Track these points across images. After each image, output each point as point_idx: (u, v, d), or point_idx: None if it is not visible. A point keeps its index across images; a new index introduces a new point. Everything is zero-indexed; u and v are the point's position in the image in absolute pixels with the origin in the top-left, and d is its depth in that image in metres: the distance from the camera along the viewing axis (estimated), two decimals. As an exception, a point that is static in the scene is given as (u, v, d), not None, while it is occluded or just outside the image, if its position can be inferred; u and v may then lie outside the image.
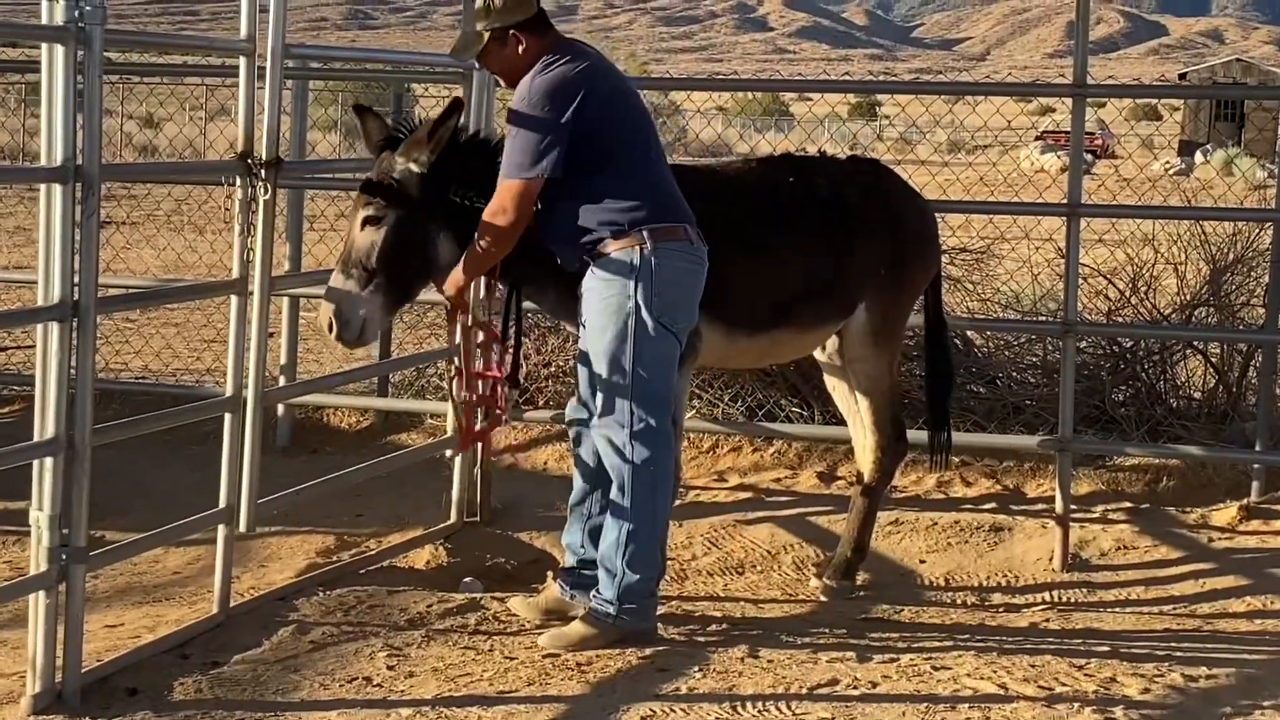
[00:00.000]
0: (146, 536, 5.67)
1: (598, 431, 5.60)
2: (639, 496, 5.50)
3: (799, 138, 17.87)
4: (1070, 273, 7.19)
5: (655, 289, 5.43)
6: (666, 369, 5.53)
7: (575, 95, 5.40)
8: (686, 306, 5.57)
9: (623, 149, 5.51)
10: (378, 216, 5.62)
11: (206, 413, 6.20)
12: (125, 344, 11.18)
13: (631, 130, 5.56)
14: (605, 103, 5.48)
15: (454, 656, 5.42)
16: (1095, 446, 7.79)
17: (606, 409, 5.52)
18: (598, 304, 5.51)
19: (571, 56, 5.53)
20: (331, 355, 11.39)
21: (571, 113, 5.39)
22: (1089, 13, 7.24)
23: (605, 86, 5.52)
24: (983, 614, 6.33)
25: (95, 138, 4.77)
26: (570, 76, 5.44)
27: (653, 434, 5.48)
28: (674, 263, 5.48)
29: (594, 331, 5.53)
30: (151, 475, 8.05)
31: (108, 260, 12.51)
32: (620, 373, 5.46)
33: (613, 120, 5.50)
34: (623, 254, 5.44)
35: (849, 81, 11.02)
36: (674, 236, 5.49)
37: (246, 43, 5.52)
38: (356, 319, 5.60)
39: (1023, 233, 10.55)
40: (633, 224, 5.45)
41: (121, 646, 5.49)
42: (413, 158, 5.61)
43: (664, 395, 5.53)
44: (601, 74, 5.55)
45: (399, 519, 7.51)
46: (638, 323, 5.43)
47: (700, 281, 5.60)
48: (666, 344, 5.51)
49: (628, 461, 5.49)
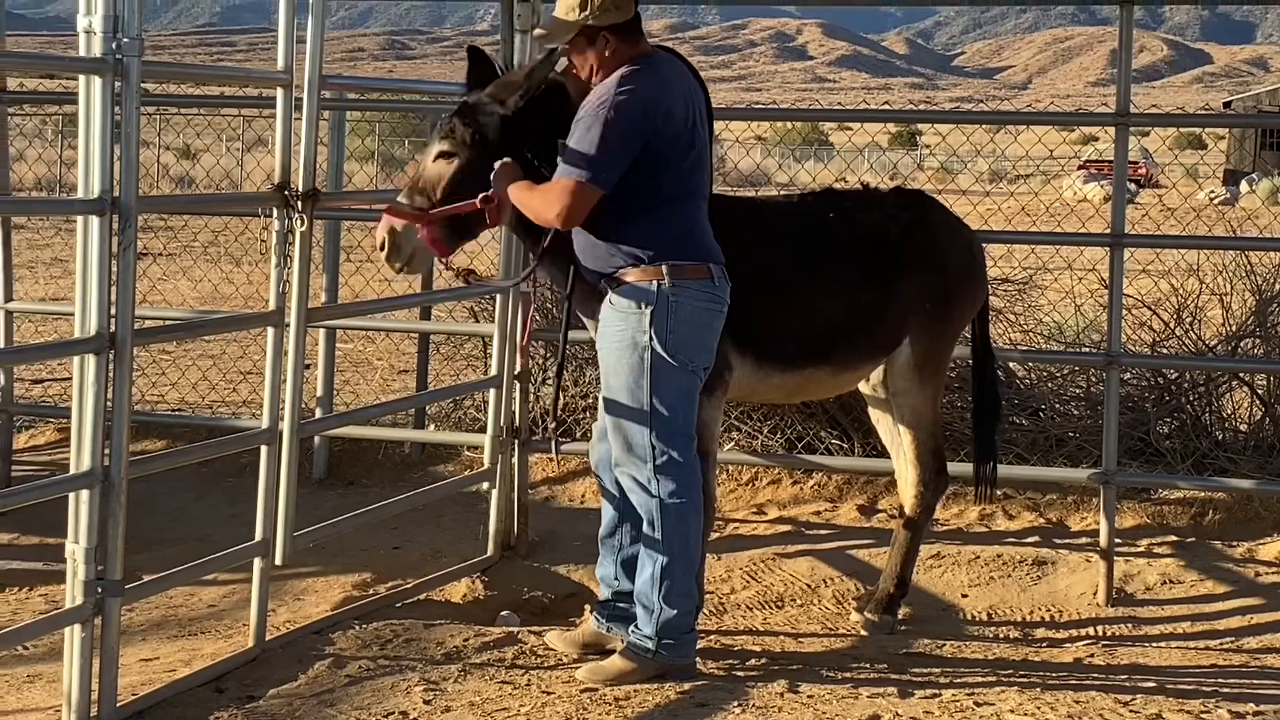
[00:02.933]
0: (182, 570, 5.68)
1: (620, 471, 5.60)
2: (670, 531, 5.49)
3: (839, 167, 17.89)
4: (1114, 303, 7.16)
5: (670, 325, 5.41)
6: (686, 402, 5.51)
7: (654, 120, 5.36)
8: (703, 346, 5.53)
9: (672, 181, 5.46)
10: (452, 152, 5.64)
11: (242, 445, 6.22)
12: (162, 376, 11.24)
13: (690, 165, 5.51)
14: (675, 135, 5.43)
15: (491, 691, 5.41)
16: (1140, 479, 7.75)
17: (626, 446, 5.51)
18: (613, 336, 5.50)
19: (659, 73, 5.48)
20: (368, 387, 11.43)
21: (645, 138, 5.35)
22: (1132, 41, 7.23)
23: (681, 115, 5.46)
24: (1026, 649, 6.30)
25: (132, 169, 4.80)
26: (655, 98, 5.38)
27: (676, 467, 5.47)
28: (693, 301, 5.45)
29: (609, 366, 5.53)
30: (187, 508, 8.09)
31: (144, 292, 12.59)
32: (639, 408, 5.45)
33: (675, 152, 5.45)
34: (639, 287, 5.43)
35: (889, 111, 11.00)
36: (696, 275, 5.46)
37: (283, 74, 5.55)
38: (408, 246, 5.62)
39: (1065, 263, 10.53)
40: (657, 256, 5.42)
41: (157, 680, 5.50)
42: (500, 99, 5.63)
43: (685, 429, 5.51)
44: (682, 100, 5.49)
45: (436, 552, 7.51)
46: (654, 357, 5.41)
47: (719, 322, 5.56)
48: (685, 377, 5.49)
49: (654, 497, 5.48)
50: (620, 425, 5.51)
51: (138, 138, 4.86)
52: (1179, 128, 57.16)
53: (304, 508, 5.88)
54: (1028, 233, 10.24)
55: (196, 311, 11.93)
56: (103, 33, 4.68)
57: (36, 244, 22.46)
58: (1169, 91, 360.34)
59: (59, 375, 11.30)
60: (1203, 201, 30.00)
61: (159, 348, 12.45)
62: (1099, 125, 10.72)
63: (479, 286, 6.98)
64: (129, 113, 4.76)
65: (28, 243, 22.11)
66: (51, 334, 12.98)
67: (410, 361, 11.14)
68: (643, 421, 5.45)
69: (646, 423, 5.44)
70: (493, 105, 5.63)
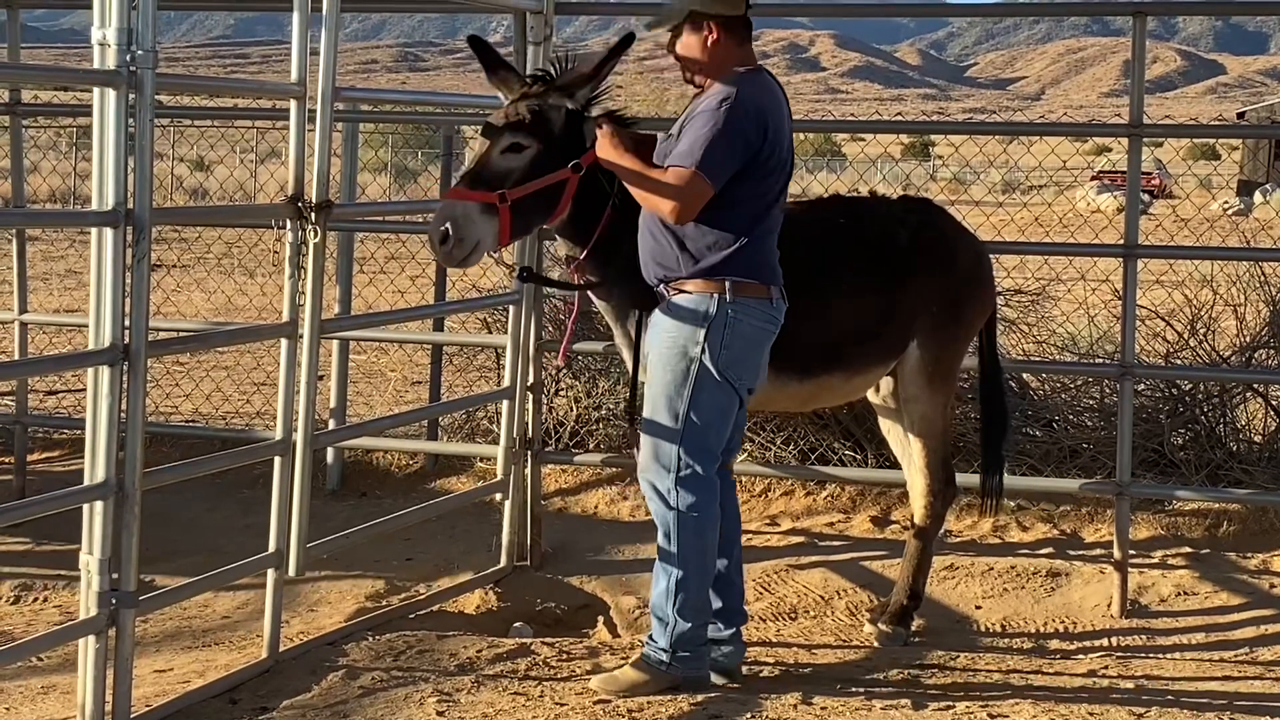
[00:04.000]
0: (196, 581, 5.70)
1: (642, 476, 5.59)
2: (686, 543, 5.47)
3: (851, 178, 17.89)
4: (1127, 314, 7.15)
5: (725, 341, 5.40)
6: (721, 421, 5.50)
7: (764, 131, 5.36)
8: (753, 365, 5.52)
9: (757, 197, 5.43)
10: (524, 144, 5.54)
11: (256, 456, 6.23)
12: (175, 387, 11.26)
13: (777, 186, 5.51)
14: (772, 152, 5.42)
15: (504, 702, 5.41)
16: (1154, 490, 7.73)
17: (654, 452, 5.50)
18: (665, 342, 5.48)
19: (770, 87, 5.50)
20: (381, 398, 11.44)
21: (758, 141, 5.34)
22: (1145, 51, 7.23)
23: (783, 134, 5.47)
24: (1040, 661, 6.29)
25: (146, 181, 4.81)
26: (768, 109, 5.39)
27: (698, 481, 5.46)
28: (750, 319, 5.44)
29: (654, 370, 5.52)
30: (201, 519, 8.10)
31: (158, 303, 12.61)
32: (673, 417, 5.44)
33: (768, 169, 5.43)
34: (700, 298, 5.42)
35: (902, 122, 11.02)
36: (757, 294, 5.44)
37: (297, 86, 5.57)
38: (472, 238, 5.46)
39: (1079, 274, 10.53)
40: (721, 268, 5.40)
41: (171, 691, 5.51)
42: (570, 93, 5.61)
43: (714, 447, 5.50)
44: (785, 119, 5.51)
45: (449, 563, 7.52)
46: (700, 370, 5.40)
47: (769, 342, 5.55)
48: (726, 396, 5.47)
49: (672, 508, 5.46)
50: (654, 431, 5.50)
51: (151, 150, 4.86)
52: (1192, 138, 56.97)
53: (317, 519, 5.88)
54: (1041, 243, 10.27)
55: (210, 323, 11.97)
56: (117, 45, 4.69)
57: (51, 256, 22.50)
58: (1182, 102, 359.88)
59: (73, 387, 11.31)
60: (1216, 212, 29.98)
61: (173, 359, 12.47)
62: (1112, 136, 10.71)
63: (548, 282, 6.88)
64: (143, 125, 4.77)
65: (42, 255, 22.16)
66: (66, 346, 13.02)
67: (423, 373, 11.16)
68: (675, 431, 5.44)
69: (678, 433, 5.43)
70: (561, 99, 5.62)
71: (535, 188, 5.52)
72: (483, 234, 5.48)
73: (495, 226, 5.48)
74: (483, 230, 5.47)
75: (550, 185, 5.55)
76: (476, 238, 5.47)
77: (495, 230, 5.48)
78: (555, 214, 5.65)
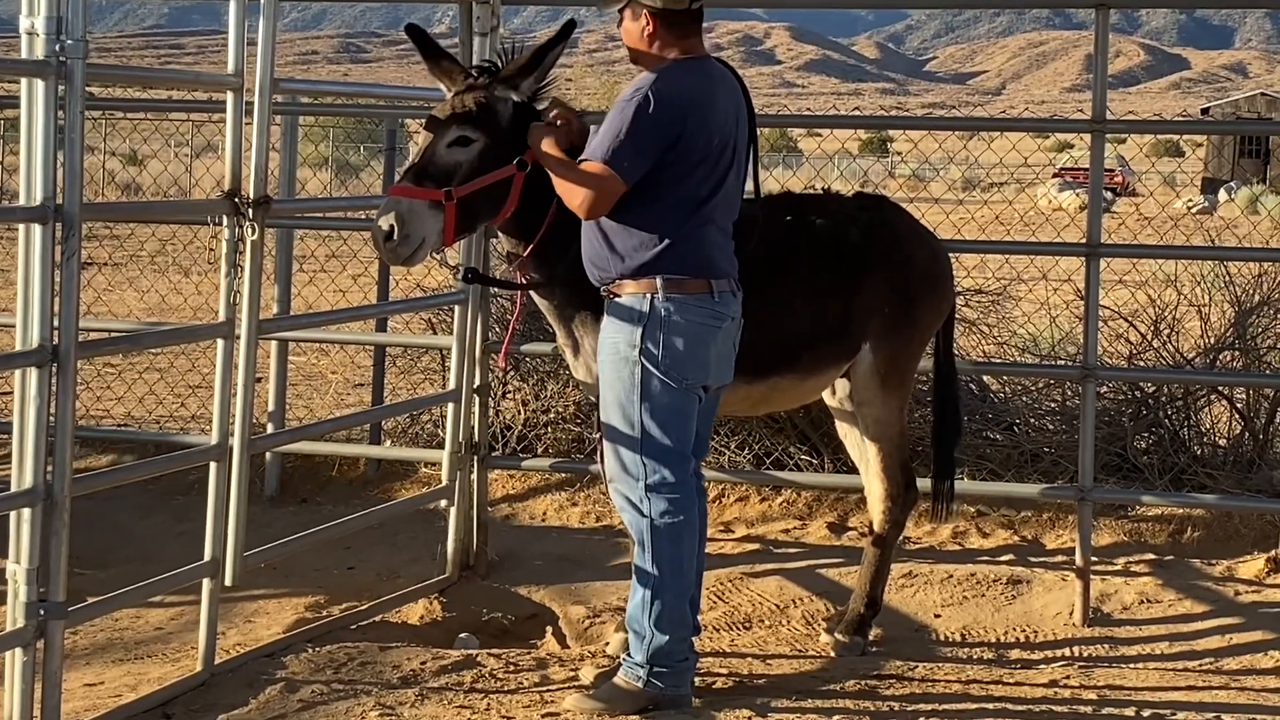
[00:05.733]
0: (128, 591, 5.65)
1: (612, 487, 5.58)
2: (661, 553, 5.44)
3: (808, 175, 17.92)
4: (1090, 315, 7.18)
5: (663, 341, 5.38)
6: (679, 421, 5.46)
7: (687, 121, 5.32)
8: (698, 363, 5.47)
9: (690, 191, 5.40)
10: (471, 138, 5.54)
11: (191, 461, 6.20)
12: (107, 390, 11.19)
13: (714, 179, 5.45)
14: (706, 143, 5.38)
15: (449, 716, 5.40)
16: (1117, 495, 7.77)
17: (619, 463, 5.48)
18: (607, 347, 5.48)
19: (705, 75, 5.46)
20: (322, 401, 11.40)
21: (673, 138, 5.30)
22: (1108, 45, 7.26)
23: (718, 125, 5.42)
24: (1001, 671, 6.31)
25: (76, 176, 4.78)
26: (691, 100, 5.35)
27: (669, 486, 5.43)
28: (688, 316, 5.40)
29: (605, 379, 5.51)
30: (134, 527, 8.05)
31: (89, 303, 12.53)
32: (630, 425, 5.42)
33: (701, 161, 5.39)
34: (634, 298, 5.41)
35: (859, 117, 11.07)
36: (695, 290, 5.42)
37: (234, 77, 5.54)
38: (417, 235, 5.45)
39: (1040, 273, 10.58)
40: (652, 266, 5.38)
41: (102, 706, 5.48)
42: (513, 84, 5.61)
43: (680, 448, 5.47)
44: (722, 111, 5.45)
45: (392, 572, 7.50)
46: (643, 372, 5.38)
47: (716, 338, 5.49)
48: (676, 396, 5.43)
49: (645, 516, 5.44)
50: (614, 440, 5.49)
51: (82, 143, 4.83)
52: (1156, 134, 57.44)
53: (255, 526, 5.86)
54: (1001, 242, 10.32)
55: (143, 323, 11.90)
56: (45, 34, 4.66)
57: (-24, 253, 22.33)
58: (1146, 97, 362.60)
59: (0, 389, 11.24)
60: (1180, 210, 30.21)
61: (104, 360, 12.40)
62: (1074, 132, 10.81)
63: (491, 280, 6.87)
64: (73, 117, 4.74)
65: (-33, 252, 21.98)
66: (-8, 346, 12.91)
67: (365, 375, 11.11)
68: (634, 438, 5.42)
69: (638, 439, 5.42)
70: (506, 90, 5.62)
71: (482, 184, 5.51)
72: (428, 231, 5.46)
73: (441, 224, 5.47)
74: (428, 228, 5.46)
75: (497, 182, 5.55)
76: (421, 235, 5.46)
77: (440, 228, 5.47)
78: (502, 212, 5.65)
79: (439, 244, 5.54)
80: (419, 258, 5.57)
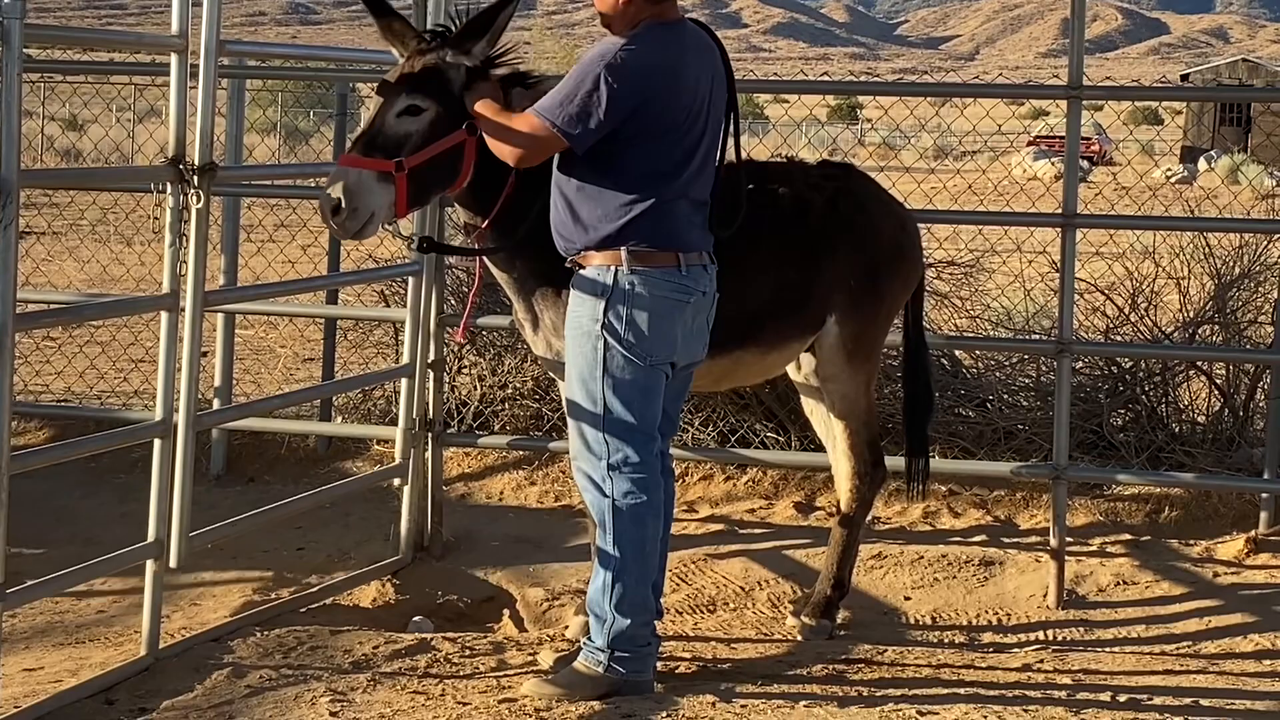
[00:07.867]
0: (69, 572, 5.63)
1: (575, 466, 5.58)
2: (623, 535, 5.43)
3: (775, 142, 17.92)
4: (1065, 288, 7.20)
5: (627, 316, 5.37)
6: (644, 399, 5.45)
7: (654, 87, 5.30)
8: (664, 339, 5.45)
9: (659, 161, 5.39)
10: (422, 107, 5.50)
11: (134, 439, 6.18)
12: (46, 364, 11.13)
13: (684, 148, 5.44)
14: (675, 110, 5.36)
15: (402, 702, 5.40)
16: (1092, 474, 7.81)
17: (582, 441, 5.48)
18: (571, 321, 5.48)
19: (678, 41, 5.43)
20: (270, 376, 11.37)
21: (637, 104, 5.28)
22: (1085, 9, 7.27)
23: (690, 92, 5.40)
24: (972, 655, 6.34)
25: (14, 141, 4.75)
26: (661, 65, 5.32)
27: (632, 466, 5.42)
28: (653, 290, 5.39)
29: (568, 351, 5.51)
30: (75, 506, 8.02)
31: (27, 273, 12.47)
32: (592, 401, 5.42)
33: (670, 130, 5.38)
34: (598, 270, 5.40)
35: (828, 82, 11.07)
36: (662, 262, 5.41)
37: (178, 39, 5.51)
38: (366, 208, 5.42)
39: (1014, 245, 10.60)
40: (618, 238, 5.37)
41: (41, 692, 5.46)
42: (465, 49, 5.56)
43: (645, 427, 5.46)
44: (694, 78, 5.43)
45: (343, 553, 7.49)
46: (606, 347, 5.37)
47: (683, 313, 5.48)
48: (641, 373, 5.42)
49: (607, 497, 5.43)
50: (577, 417, 5.49)
51: (19, 107, 4.81)
52: (1134, 101, 57.52)
53: (200, 506, 5.84)
54: (974, 212, 10.33)
55: (84, 294, 11.83)
56: (-19, -7, 4.63)
57: (-91, 221, 22.18)
58: (1124, 63, 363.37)
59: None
60: (1159, 180, 30.30)
61: (43, 333, 12.32)
62: (1050, 98, 10.81)
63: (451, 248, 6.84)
64: (10, 80, 4.71)
65: (-100, 220, 21.82)
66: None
67: (315, 349, 11.09)
68: (597, 415, 5.41)
69: (600, 416, 5.41)
70: (458, 56, 5.57)
71: (433, 153, 5.49)
72: (378, 204, 5.44)
73: (391, 196, 5.44)
74: (378, 200, 5.43)
75: (449, 150, 5.52)
76: (371, 208, 5.43)
77: (391, 200, 5.44)
78: (456, 182, 5.63)
79: (390, 216, 5.52)
80: (369, 232, 5.56)
